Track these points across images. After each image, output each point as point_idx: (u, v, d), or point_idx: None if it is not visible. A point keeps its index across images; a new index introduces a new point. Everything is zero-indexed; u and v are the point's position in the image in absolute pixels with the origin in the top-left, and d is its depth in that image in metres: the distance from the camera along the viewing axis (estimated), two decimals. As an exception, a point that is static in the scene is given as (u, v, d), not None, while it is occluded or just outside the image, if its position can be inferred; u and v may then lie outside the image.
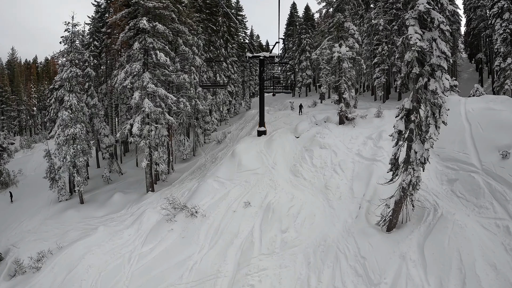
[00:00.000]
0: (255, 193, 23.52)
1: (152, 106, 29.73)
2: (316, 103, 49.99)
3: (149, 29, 29.88)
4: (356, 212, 20.24)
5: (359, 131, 28.55)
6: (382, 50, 50.16)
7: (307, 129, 30.28)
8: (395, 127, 16.69)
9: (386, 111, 31.60)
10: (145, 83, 29.50)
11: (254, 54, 32.54)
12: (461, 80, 48.50)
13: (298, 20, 78.91)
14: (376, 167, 23.11)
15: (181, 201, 25.89)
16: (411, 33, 15.23)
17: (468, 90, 43.11)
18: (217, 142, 42.85)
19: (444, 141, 22.90)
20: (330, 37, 30.41)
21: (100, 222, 28.03)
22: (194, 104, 37.54)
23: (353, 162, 24.64)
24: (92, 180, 41.05)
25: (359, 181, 22.61)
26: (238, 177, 25.75)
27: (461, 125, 24.89)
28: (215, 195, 24.61)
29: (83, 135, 33.63)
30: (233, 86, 57.97)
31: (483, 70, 57.00)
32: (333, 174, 23.98)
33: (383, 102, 50.94)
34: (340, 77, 30.18)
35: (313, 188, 23.38)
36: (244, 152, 27.85)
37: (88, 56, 42.98)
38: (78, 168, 33.64)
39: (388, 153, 24.44)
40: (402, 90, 16.25)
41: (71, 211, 31.38)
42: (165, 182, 34.51)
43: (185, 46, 35.90)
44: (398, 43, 16.32)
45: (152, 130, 30.67)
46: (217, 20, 52.72)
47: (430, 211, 18.38)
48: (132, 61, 30.81)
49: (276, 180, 24.57)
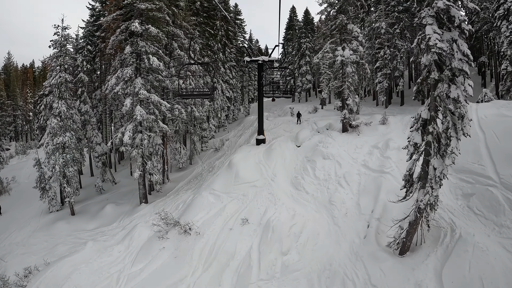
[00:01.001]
0: (253, 209, 21.43)
1: (145, 114, 27.73)
2: (317, 109, 48.02)
3: (141, 32, 27.89)
4: (364, 231, 18.17)
5: (364, 140, 26.46)
6: (384, 54, 48.36)
7: (308, 138, 28.19)
8: (410, 139, 14.61)
9: (391, 118, 29.53)
10: (137, 89, 27.50)
11: (252, 58, 30.45)
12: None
13: (297, 24, 77.08)
14: (384, 180, 21.00)
15: (174, 215, 24.04)
16: (429, 33, 13.20)
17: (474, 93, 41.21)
18: (215, 150, 40.82)
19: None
20: (332, 40, 28.39)
21: (91, 236, 26.37)
22: (190, 111, 35.51)
23: (359, 174, 22.54)
24: (85, 190, 39.06)
25: (366, 196, 20.52)
26: (235, 190, 23.67)
27: (474, 134, 22.76)
28: (210, 210, 22.56)
29: (73, 143, 31.64)
30: (231, 92, 55.92)
31: (486, 73, 55.07)
32: (337, 188, 21.87)
33: (386, 108, 49.11)
34: (343, 82, 28.14)
35: (316, 203, 21.28)
36: (241, 163, 25.75)
37: (81, 60, 41.08)
38: (68, 178, 31.67)
39: (397, 164, 22.44)
40: (418, 97, 14.18)
41: (61, 223, 29.76)
42: (160, 192, 32.55)
43: (181, 50, 33.89)
44: (413, 45, 14.29)
45: (144, 139, 28.64)
46: (214, 24, 50.79)
47: (447, 232, 16.32)
48: (123, 66, 28.85)
49: (276, 193, 22.46)
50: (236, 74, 61.16)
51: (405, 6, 49.70)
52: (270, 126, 39.14)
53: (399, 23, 49.55)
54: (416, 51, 14.07)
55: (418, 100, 15.03)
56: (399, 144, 24.29)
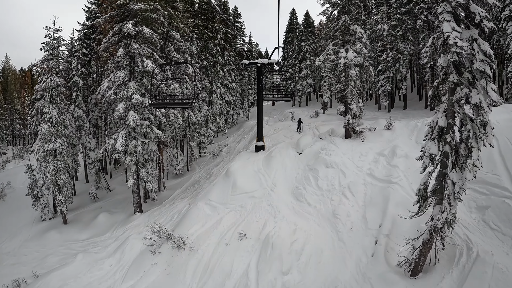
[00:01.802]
0: (251, 222, 19.80)
1: (138, 119, 26.19)
2: (318, 113, 46.29)
3: (134, 34, 26.37)
4: (372, 248, 16.53)
5: (368, 146, 24.77)
6: (387, 57, 46.78)
7: (310, 144, 26.47)
8: (425, 149, 12.98)
9: (396, 123, 27.80)
10: (129, 94, 25.96)
11: (251, 61, 28.81)
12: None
13: (298, 27, 75.45)
14: (392, 191, 19.31)
15: (168, 227, 22.65)
16: (448, 30, 11.59)
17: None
18: (213, 156, 39.21)
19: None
20: (334, 41, 26.72)
21: (82, 246, 25.19)
22: (187, 116, 33.89)
23: (365, 184, 20.83)
24: (79, 197, 37.52)
25: (373, 208, 18.83)
26: (232, 201, 22.05)
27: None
28: (206, 222, 20.98)
29: (64, 150, 30.07)
30: (230, 96, 54.30)
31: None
32: (342, 199, 20.17)
33: (388, 112, 47.51)
34: (346, 86, 26.48)
35: (319, 216, 19.60)
36: (239, 171, 24.10)
37: (76, 64, 39.55)
38: (60, 186, 30.14)
39: (405, 173, 20.80)
40: (434, 103, 12.60)
41: (53, 233, 28.54)
42: (155, 201, 31.06)
43: (177, 53, 32.31)
44: (428, 44, 12.70)
45: (138, 145, 27.07)
46: (213, 27, 49.20)
47: (463, 250, 14.71)
48: (116, 69, 27.31)
49: (276, 205, 20.80)
50: (236, 77, 59.58)
51: (408, 8, 48.22)
52: (270, 131, 37.47)
53: (401, 25, 48.06)
54: (432, 51, 12.49)
55: (433, 107, 13.45)
56: (406, 151, 22.70)
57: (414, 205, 14.49)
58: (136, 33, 26.50)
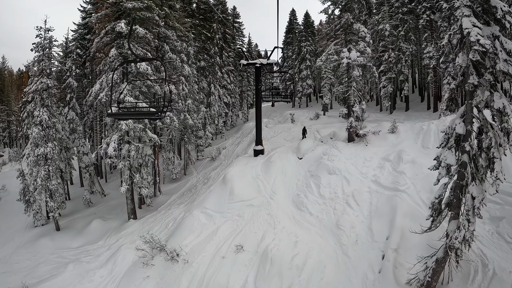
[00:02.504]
0: (249, 233, 18.45)
1: (131, 123, 24.85)
2: (319, 115, 44.95)
3: (127, 33, 25.02)
4: (379, 264, 15.19)
5: (373, 151, 23.38)
6: (389, 57, 45.48)
7: (311, 149, 25.05)
8: (442, 159, 11.62)
9: (401, 126, 26.36)
10: (122, 96, 24.60)
11: (249, 61, 27.41)
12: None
13: (297, 27, 74.06)
14: (400, 200, 17.93)
15: (162, 236, 21.50)
16: (468, 26, 10.25)
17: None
18: (211, 159, 37.81)
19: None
20: (336, 41, 25.32)
21: (74, 255, 23.96)
22: (183, 119, 32.53)
23: (370, 192, 19.43)
24: (73, 202, 36.15)
25: (379, 219, 17.46)
26: (229, 209, 20.69)
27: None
28: (201, 232, 19.67)
29: (55, 155, 28.74)
30: (229, 97, 52.90)
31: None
32: (345, 208, 18.80)
33: (390, 113, 46.24)
34: (349, 87, 25.13)
35: (322, 226, 18.23)
36: (237, 178, 22.73)
37: (70, 65, 38.22)
38: (52, 191, 28.80)
39: (413, 180, 19.43)
40: (451, 107, 11.39)
41: (45, 240, 27.27)
42: (151, 207, 29.67)
43: (173, 53, 30.95)
44: (444, 42, 11.36)
45: (132, 150, 25.75)
46: (211, 27, 47.75)
47: (478, 267, 13.39)
48: (109, 70, 26.00)
49: (276, 215, 19.42)
50: (235, 79, 58.14)
51: (410, 8, 46.92)
52: (269, 134, 36.07)
53: (403, 25, 46.79)
54: (448, 49, 11.16)
55: (451, 111, 12.23)
56: (413, 156, 21.36)
57: (427, 220, 13.11)
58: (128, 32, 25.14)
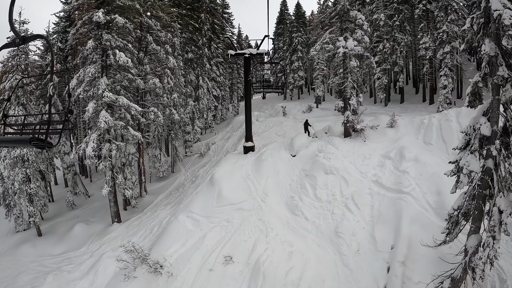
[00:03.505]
0: (239, 242, 16.57)
1: (111, 120, 22.79)
2: (312, 108, 43.07)
3: (104, 23, 22.86)
4: (384, 277, 13.44)
5: (371, 147, 21.51)
6: (384, 48, 43.70)
7: (305, 145, 23.03)
8: (463, 165, 9.78)
9: (399, 120, 24.53)
10: (100, 91, 22.51)
11: (237, 51, 25.25)
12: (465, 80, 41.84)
13: (288, 18, 71.98)
14: (405, 204, 16.10)
15: (146, 243, 19.88)
16: (497, 7, 8.37)
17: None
18: (200, 155, 35.81)
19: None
20: (332, 29, 23.27)
21: (56, 263, 22.27)
22: (169, 114, 30.43)
23: (371, 194, 17.56)
24: (56, 204, 34.00)
25: (383, 225, 15.65)
26: (217, 214, 18.75)
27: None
28: (187, 240, 17.78)
29: (33, 156, 26.61)
30: (219, 90, 50.71)
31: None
32: (345, 213, 16.91)
33: (385, 105, 44.55)
34: (345, 79, 23.18)
35: (319, 233, 16.37)
36: (225, 178, 20.72)
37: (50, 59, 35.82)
38: (31, 195, 26.77)
39: (417, 180, 17.64)
40: (473, 103, 9.65)
41: (27, 247, 25.47)
42: (136, 208, 27.70)
43: (156, 44, 28.76)
44: (465, 27, 9.49)
45: (113, 149, 23.74)
46: (199, 17, 45.42)
47: (495, 283, 11.73)
48: (86, 64, 23.88)
49: (268, 220, 17.50)
50: (224, 71, 55.81)
51: (405, -3, 45.28)
52: (260, 128, 34.08)
53: (398, 14, 45.00)
54: (470, 36, 9.28)
55: (471, 107, 10.59)
56: (416, 153, 19.56)
57: (442, 233, 11.33)
58: (107, 22, 22.99)
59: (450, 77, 36.62)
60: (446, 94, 35.88)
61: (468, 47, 9.94)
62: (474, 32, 9.19)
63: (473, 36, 9.29)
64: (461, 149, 10.03)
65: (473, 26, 9.16)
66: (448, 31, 37.02)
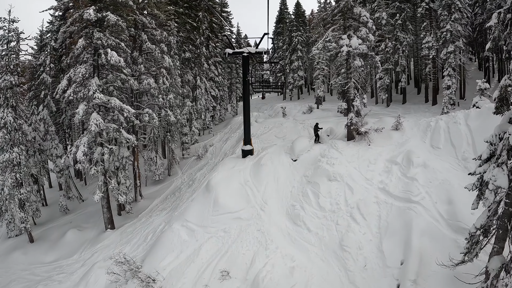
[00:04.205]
0: (236, 254, 15.36)
1: (102, 123, 21.57)
2: (312, 109, 41.89)
3: (95, 21, 21.61)
4: (395, 297, 12.24)
5: (377, 152, 20.26)
6: (386, 47, 42.56)
7: (307, 149, 21.76)
8: (488, 179, 8.55)
9: (405, 122, 23.25)
10: (91, 92, 21.28)
11: (235, 50, 23.89)
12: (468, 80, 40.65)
13: (288, 17, 70.78)
14: (415, 214, 14.85)
15: (139, 252, 19.04)
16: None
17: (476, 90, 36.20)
18: (197, 158, 34.60)
19: None
20: (334, 26, 21.98)
21: (47, 271, 21.38)
22: (165, 115, 29.18)
23: (378, 203, 16.31)
24: (50, 208, 32.82)
25: (391, 238, 14.41)
26: (213, 223, 17.54)
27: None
28: (181, 251, 16.59)
29: (23, 160, 25.39)
30: (217, 90, 49.43)
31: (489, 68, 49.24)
32: (350, 224, 15.66)
33: (387, 106, 43.42)
34: (348, 79, 21.93)
35: (323, 246, 15.15)
36: (222, 185, 19.47)
37: (43, 59, 34.64)
38: (23, 200, 25.60)
39: (427, 188, 16.42)
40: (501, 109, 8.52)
41: (18, 254, 24.53)
42: (130, 213, 26.53)
43: (151, 43, 27.50)
44: (492, 23, 8.27)
45: (105, 153, 22.53)
46: (197, 15, 44.21)
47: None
48: (77, 64, 22.65)
49: (268, 231, 16.27)
50: (223, 71, 54.56)
51: (407, -5, 44.15)
52: (259, 130, 32.82)
53: (400, 13, 43.85)
54: (498, 33, 8.06)
55: (498, 113, 9.53)
56: (424, 159, 18.32)
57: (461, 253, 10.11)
58: (98, 20, 21.75)
59: (453, 77, 35.50)
60: (450, 94, 34.74)
61: (493, 45, 8.72)
62: (502, 26, 8.00)
63: (500, 34, 8.09)
64: (484, 161, 8.85)
65: (502, 20, 7.96)
66: (452, 30, 35.91)
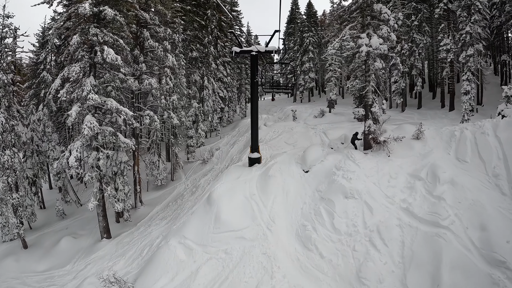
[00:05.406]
0: (238, 282, 13.21)
1: (97, 126, 19.59)
2: (324, 112, 39.65)
3: (90, 15, 19.66)
4: None
5: (397, 164, 17.80)
6: (402, 49, 40.18)
7: (320, 159, 19.30)
8: None
9: (426, 131, 20.71)
10: (85, 93, 19.32)
11: (243, 48, 21.54)
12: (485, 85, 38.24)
13: (299, 17, 68.61)
14: (444, 242, 12.43)
15: (134, 268, 17.57)
16: None
17: (493, 96, 33.66)
18: (202, 162, 32.56)
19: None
20: (352, 24, 19.62)
21: (38, 282, 19.89)
22: (168, 117, 27.15)
23: (401, 227, 13.94)
24: (47, 211, 31.10)
25: (417, 270, 12.05)
26: (214, 242, 15.43)
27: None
28: (177, 273, 14.57)
29: (16, 163, 23.57)
30: (225, 91, 47.36)
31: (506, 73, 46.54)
32: (369, 250, 13.36)
33: (402, 111, 41.12)
34: (367, 82, 19.58)
35: (337, 276, 12.87)
36: (225, 198, 17.27)
37: (44, 57, 32.95)
38: (15, 206, 23.84)
39: (455, 210, 14.04)
40: None
41: (10, 260, 22.90)
42: (129, 221, 24.73)
43: (154, 40, 25.51)
44: None
45: (100, 158, 20.59)
46: (205, 13, 42.15)
47: None
48: (72, 62, 20.74)
49: (274, 255, 14.07)
50: (232, 71, 52.44)
51: (424, -5, 41.72)
52: (268, 135, 30.55)
53: (416, 14, 41.49)
54: None
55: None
56: (451, 174, 15.82)
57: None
58: (95, 15, 19.80)
59: (473, 82, 32.95)
60: (470, 100, 32.26)
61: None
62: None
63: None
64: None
65: None
66: (472, 32, 33.42)
